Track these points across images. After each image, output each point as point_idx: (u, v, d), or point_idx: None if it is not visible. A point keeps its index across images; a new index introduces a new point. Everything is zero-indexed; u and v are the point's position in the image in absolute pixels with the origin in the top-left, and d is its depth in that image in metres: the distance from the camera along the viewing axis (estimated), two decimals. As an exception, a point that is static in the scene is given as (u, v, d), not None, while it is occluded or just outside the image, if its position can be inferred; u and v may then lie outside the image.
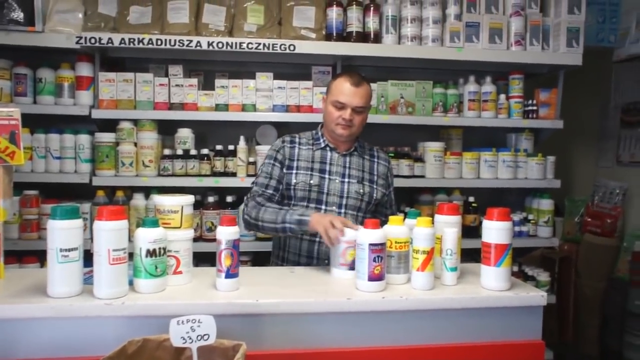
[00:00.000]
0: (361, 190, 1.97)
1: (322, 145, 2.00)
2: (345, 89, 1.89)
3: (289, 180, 1.95)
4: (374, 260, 1.44)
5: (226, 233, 1.43)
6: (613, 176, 3.58)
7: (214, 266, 1.76)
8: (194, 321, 1.19)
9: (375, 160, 2.06)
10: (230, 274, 1.44)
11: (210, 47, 2.48)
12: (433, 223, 1.53)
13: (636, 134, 3.38)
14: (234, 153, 2.64)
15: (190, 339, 1.18)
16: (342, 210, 1.95)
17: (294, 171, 1.96)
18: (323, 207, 1.94)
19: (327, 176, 1.96)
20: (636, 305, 2.92)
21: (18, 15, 2.39)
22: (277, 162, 1.97)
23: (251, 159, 2.65)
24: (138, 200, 2.56)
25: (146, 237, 1.38)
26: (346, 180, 1.97)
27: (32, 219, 2.49)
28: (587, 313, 3.32)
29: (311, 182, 1.94)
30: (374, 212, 2.04)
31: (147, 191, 2.59)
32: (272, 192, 1.94)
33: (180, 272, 1.50)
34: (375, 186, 2.01)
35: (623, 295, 3.04)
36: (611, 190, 3.52)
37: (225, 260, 1.44)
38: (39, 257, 2.46)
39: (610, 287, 3.25)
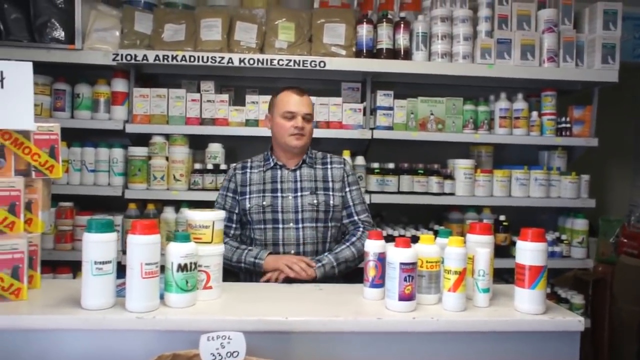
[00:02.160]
0: (315, 201, 1.97)
1: (272, 164, 2.03)
2: (292, 99, 1.97)
3: (244, 206, 2.00)
4: (405, 280, 1.41)
5: (373, 246, 1.52)
6: (650, 196, 3.47)
7: (239, 281, 1.79)
8: (224, 337, 1.19)
9: (329, 166, 2.06)
10: (375, 284, 1.52)
11: (242, 64, 2.52)
12: (464, 242, 1.50)
13: (675, 152, 3.27)
14: (262, 168, 2.66)
15: (220, 355, 1.18)
16: (300, 225, 1.95)
17: (247, 196, 2.00)
18: (280, 225, 1.95)
19: (279, 194, 1.98)
20: (676, 331, 2.79)
21: (59, 34, 2.48)
22: (230, 192, 2.04)
23: (280, 174, 2.66)
24: (168, 213, 2.60)
25: (178, 252, 1.39)
26: (299, 194, 1.98)
27: (66, 230, 2.55)
28: (624, 338, 3.19)
29: (264, 203, 1.97)
30: (342, 218, 2.04)
31: (178, 205, 2.64)
32: (226, 224, 2.00)
33: (210, 287, 1.50)
34: (331, 193, 2.01)
35: (662, 320, 2.92)
36: (648, 211, 3.41)
37: (370, 271, 1.53)
38: (72, 267, 2.53)
39: (648, 311, 3.13)
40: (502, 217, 2.76)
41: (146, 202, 2.61)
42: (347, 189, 2.05)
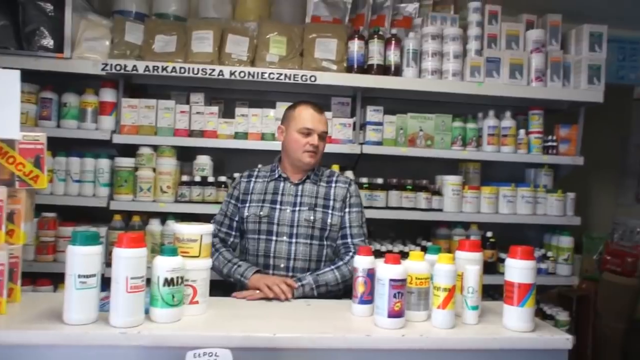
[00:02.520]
0: (311, 217, 1.94)
1: (276, 176, 2.02)
2: (309, 116, 1.95)
3: (242, 214, 2.00)
4: (395, 297, 1.41)
5: (363, 262, 1.52)
6: (633, 214, 3.51)
7: (226, 295, 1.77)
8: (210, 354, 1.17)
9: (333, 185, 2.03)
10: (364, 300, 1.52)
11: (233, 77, 2.52)
12: (454, 259, 1.50)
13: (657, 172, 3.33)
14: (251, 181, 2.64)
15: (206, 372, 1.16)
16: (293, 240, 1.93)
17: (247, 205, 1.99)
18: (274, 237, 1.94)
19: (277, 206, 1.96)
20: (659, 349, 2.82)
21: (48, 42, 2.45)
22: (233, 199, 2.05)
23: (268, 188, 2.65)
24: (154, 225, 2.56)
25: (164, 266, 1.37)
26: (297, 208, 1.96)
27: (48, 241, 2.49)
28: (607, 355, 3.21)
29: (261, 213, 1.95)
30: (337, 238, 2.00)
31: (164, 217, 2.60)
32: (226, 231, 2.04)
33: (197, 302, 1.48)
34: (330, 211, 1.97)
35: (645, 337, 2.94)
36: (631, 229, 3.46)
37: (359, 287, 1.52)
38: (53, 279, 2.46)
39: (631, 328, 3.15)
40: (489, 234, 2.77)
41: (131, 214, 2.56)
42: (347, 209, 2.00)
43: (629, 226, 3.48)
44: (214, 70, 2.51)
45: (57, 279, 2.48)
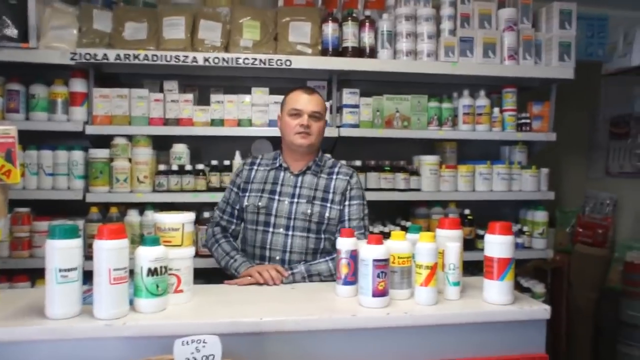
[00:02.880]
0: (309, 211, 1.92)
1: (277, 164, 2.01)
2: (299, 97, 1.95)
3: (242, 203, 1.99)
4: (378, 276, 1.43)
5: (345, 244, 1.55)
6: (603, 187, 3.63)
7: (209, 283, 1.77)
8: (199, 341, 1.17)
9: (334, 177, 2.00)
10: (348, 281, 1.54)
11: (207, 63, 2.48)
12: (435, 237, 1.52)
13: (624, 145, 3.44)
14: (229, 168, 2.63)
15: (195, 359, 1.16)
16: (290, 232, 1.92)
17: (247, 194, 1.99)
18: (271, 229, 1.93)
19: (276, 197, 1.95)
20: (629, 315, 2.94)
21: (12, 31, 2.37)
22: (235, 187, 2.04)
23: (247, 174, 2.64)
24: (132, 216, 2.53)
25: (147, 256, 1.36)
26: (295, 200, 1.94)
27: (23, 236, 2.44)
28: (580, 324, 3.33)
29: (259, 204, 1.95)
30: (337, 231, 1.93)
31: (142, 207, 2.57)
32: (227, 219, 2.05)
33: (181, 291, 1.48)
34: (329, 204, 1.95)
35: (615, 305, 3.06)
36: (601, 201, 3.57)
37: (342, 269, 1.54)
38: (30, 275, 2.42)
39: (602, 297, 3.27)
40: (467, 211, 2.83)
41: (108, 206, 2.52)
42: (347, 202, 1.97)
43: (599, 199, 3.59)
44: (187, 57, 2.46)
45: (34, 275, 2.44)
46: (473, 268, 2.63)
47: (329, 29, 2.62)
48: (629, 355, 2.93)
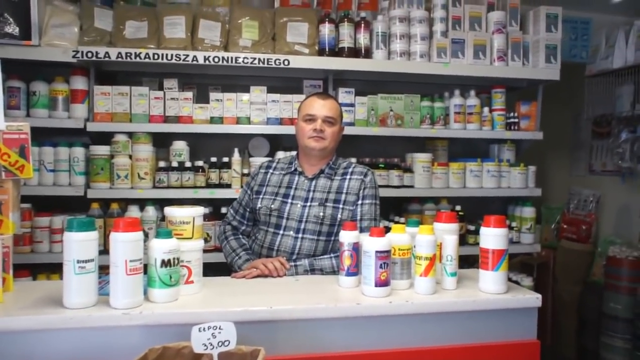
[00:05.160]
0: (321, 214, 1.94)
1: (292, 169, 2.06)
2: (313, 103, 2.01)
3: (255, 205, 2.04)
4: (381, 267, 1.50)
5: (348, 236, 1.60)
6: (586, 184, 3.76)
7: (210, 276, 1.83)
8: (215, 328, 1.23)
9: (348, 177, 2.02)
10: (351, 272, 1.60)
11: (207, 62, 2.53)
12: (433, 230, 1.60)
13: (606, 144, 3.56)
14: (228, 165, 2.68)
15: (211, 345, 1.22)
16: (299, 235, 1.95)
17: (261, 196, 2.03)
18: (281, 231, 1.97)
19: (289, 200, 1.99)
20: (611, 308, 3.04)
21: (14, 29, 2.39)
22: (249, 189, 2.10)
23: (245, 171, 2.70)
24: (133, 212, 2.57)
25: (161, 248, 1.42)
26: (308, 204, 1.98)
27: (24, 232, 2.46)
28: (565, 316, 3.46)
29: (272, 206, 1.99)
30: None
31: (142, 203, 2.61)
32: (239, 220, 2.11)
33: (192, 282, 1.53)
34: (341, 206, 1.97)
35: (598, 298, 3.17)
36: (585, 198, 3.70)
37: (346, 260, 1.60)
38: (31, 270, 2.45)
39: (586, 290, 3.40)
40: (458, 207, 2.92)
41: (109, 202, 2.56)
42: (360, 202, 1.99)
43: (582, 196, 3.71)
44: (187, 55, 2.51)
45: (35, 270, 2.47)
46: (463, 262, 2.73)
47: (326, 29, 2.69)
48: (611, 346, 3.04)
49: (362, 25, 2.73)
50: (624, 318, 2.98)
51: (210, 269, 1.81)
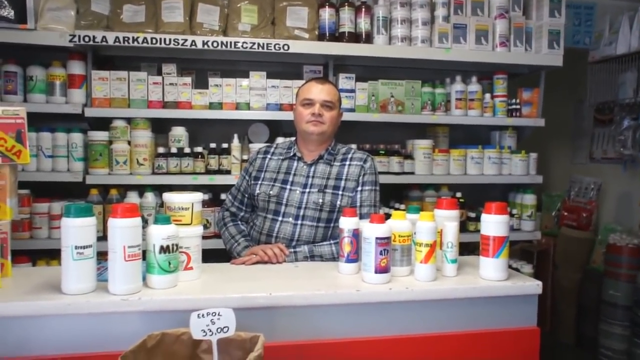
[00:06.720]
0: (320, 200, 1.93)
1: (291, 154, 2.04)
2: (311, 88, 1.99)
3: (253, 191, 2.02)
4: (381, 254, 1.49)
5: (348, 223, 1.59)
6: (587, 172, 3.74)
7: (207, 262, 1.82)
8: (214, 314, 1.22)
9: (347, 163, 2.01)
10: (351, 259, 1.60)
11: (205, 47, 2.50)
12: (434, 217, 1.59)
13: (608, 131, 3.54)
14: (227, 151, 2.67)
15: (210, 331, 1.21)
16: (299, 222, 1.94)
17: (260, 182, 2.02)
18: (280, 218, 1.95)
19: (288, 187, 1.98)
20: (610, 295, 3.05)
21: (9, 12, 2.36)
22: (247, 175, 2.08)
23: (244, 157, 2.68)
24: (132, 198, 2.56)
25: (160, 234, 1.41)
26: (307, 190, 1.96)
27: (23, 218, 2.46)
28: (564, 303, 3.47)
29: (271, 192, 1.97)
30: None
31: (141, 189, 2.60)
32: (237, 206, 2.10)
33: (191, 268, 1.53)
34: (340, 192, 1.96)
35: (598, 285, 3.17)
36: (586, 186, 3.68)
37: (345, 247, 1.59)
38: (31, 256, 2.44)
39: (585, 278, 3.40)
40: (458, 194, 2.91)
41: (108, 188, 2.55)
42: (359, 188, 1.97)
43: (583, 183, 3.70)
44: (186, 40, 2.48)
45: (34, 256, 2.46)
46: (463, 249, 2.72)
47: (326, 14, 2.65)
48: (609, 333, 3.05)
49: (363, 9, 2.69)
50: (623, 305, 2.99)
51: (210, 256, 1.80)
